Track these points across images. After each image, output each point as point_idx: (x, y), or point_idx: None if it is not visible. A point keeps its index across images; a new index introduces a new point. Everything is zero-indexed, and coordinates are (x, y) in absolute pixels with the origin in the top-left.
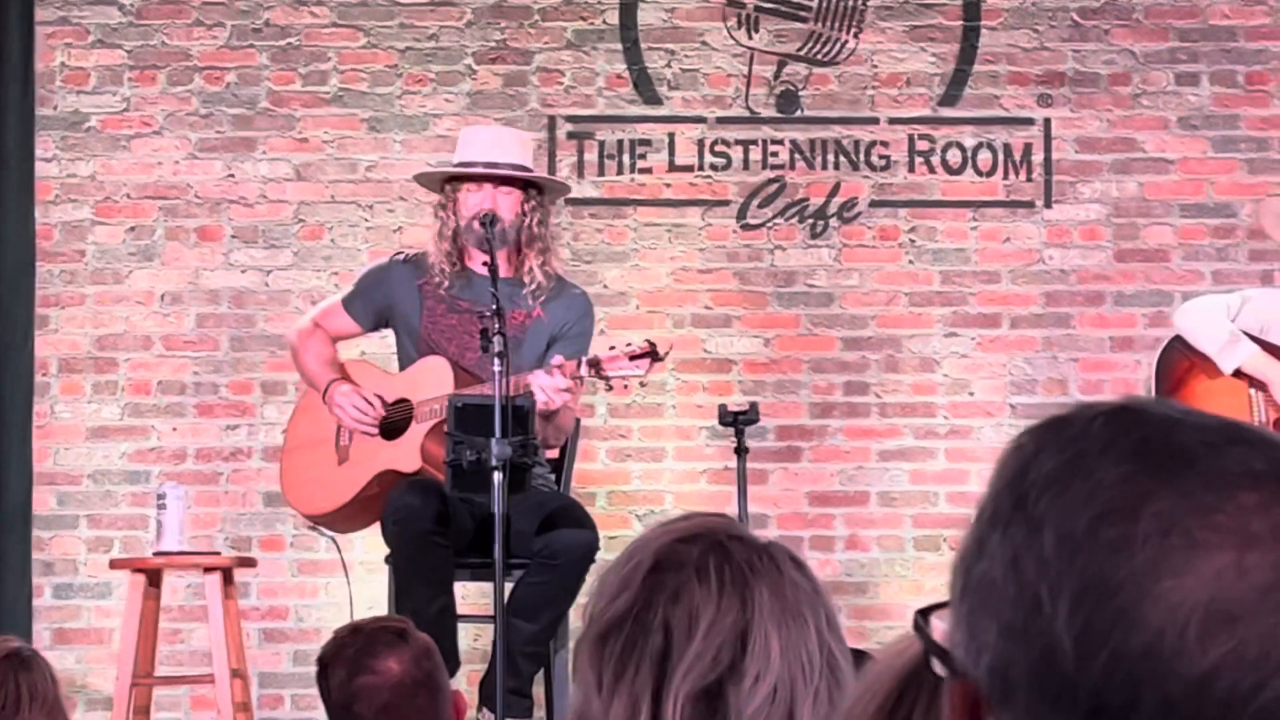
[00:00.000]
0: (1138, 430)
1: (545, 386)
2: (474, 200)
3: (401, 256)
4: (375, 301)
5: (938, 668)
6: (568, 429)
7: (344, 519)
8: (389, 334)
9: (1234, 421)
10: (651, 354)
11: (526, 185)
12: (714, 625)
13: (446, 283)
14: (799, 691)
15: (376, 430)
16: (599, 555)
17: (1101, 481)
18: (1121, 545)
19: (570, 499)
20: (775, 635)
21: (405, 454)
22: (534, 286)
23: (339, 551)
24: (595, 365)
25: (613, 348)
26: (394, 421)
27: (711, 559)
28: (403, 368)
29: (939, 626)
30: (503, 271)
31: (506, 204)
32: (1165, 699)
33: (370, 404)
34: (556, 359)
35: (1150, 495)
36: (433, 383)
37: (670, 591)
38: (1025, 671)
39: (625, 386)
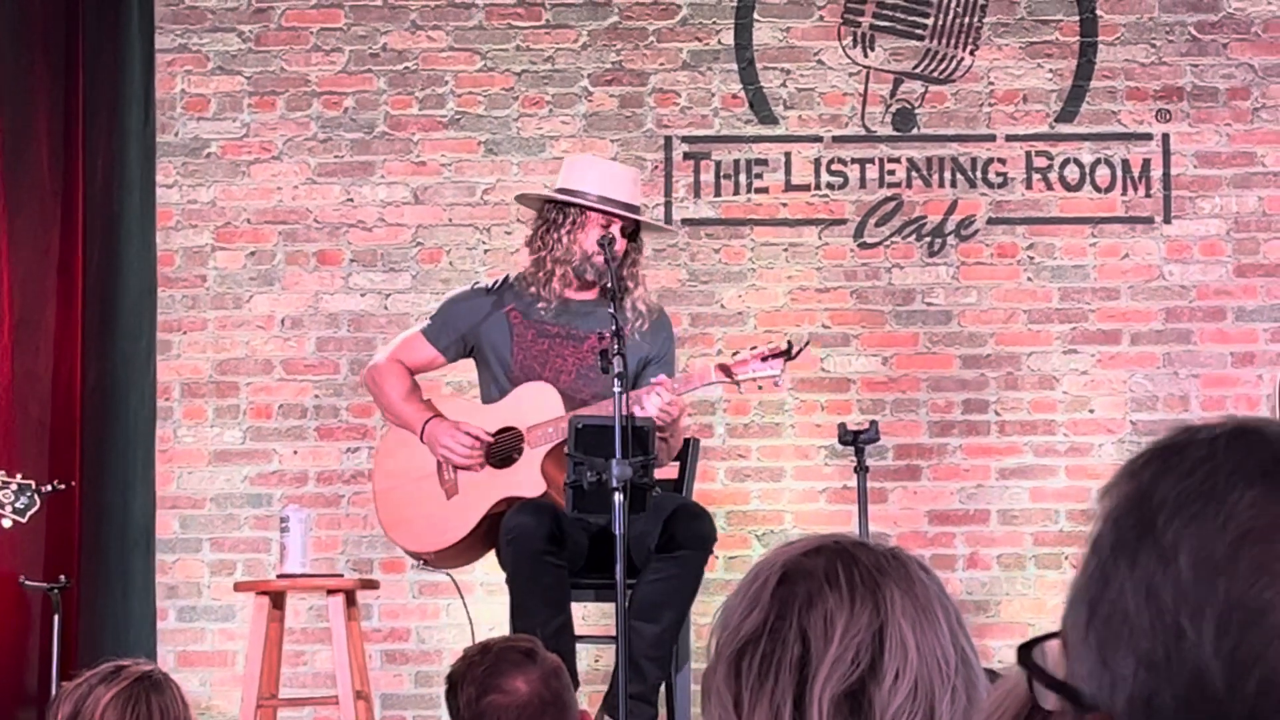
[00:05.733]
0: (1262, 451)
1: (654, 406)
2: (596, 235)
3: (483, 285)
4: (460, 331)
5: (1050, 702)
6: (677, 447)
7: (461, 552)
8: (451, 365)
9: None
10: (785, 353)
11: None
12: (850, 627)
13: (552, 302)
14: (937, 688)
15: (482, 465)
16: (717, 554)
17: (1236, 505)
18: (1263, 567)
19: (684, 498)
20: (910, 633)
21: (526, 479)
22: (638, 322)
23: (453, 579)
24: (726, 370)
25: (736, 353)
26: (502, 450)
27: (839, 565)
28: (487, 396)
29: (1049, 658)
30: (589, 296)
31: (619, 242)
32: None
33: (478, 439)
34: (659, 377)
35: None
36: (539, 408)
37: (802, 600)
38: (1172, 700)
39: (759, 388)
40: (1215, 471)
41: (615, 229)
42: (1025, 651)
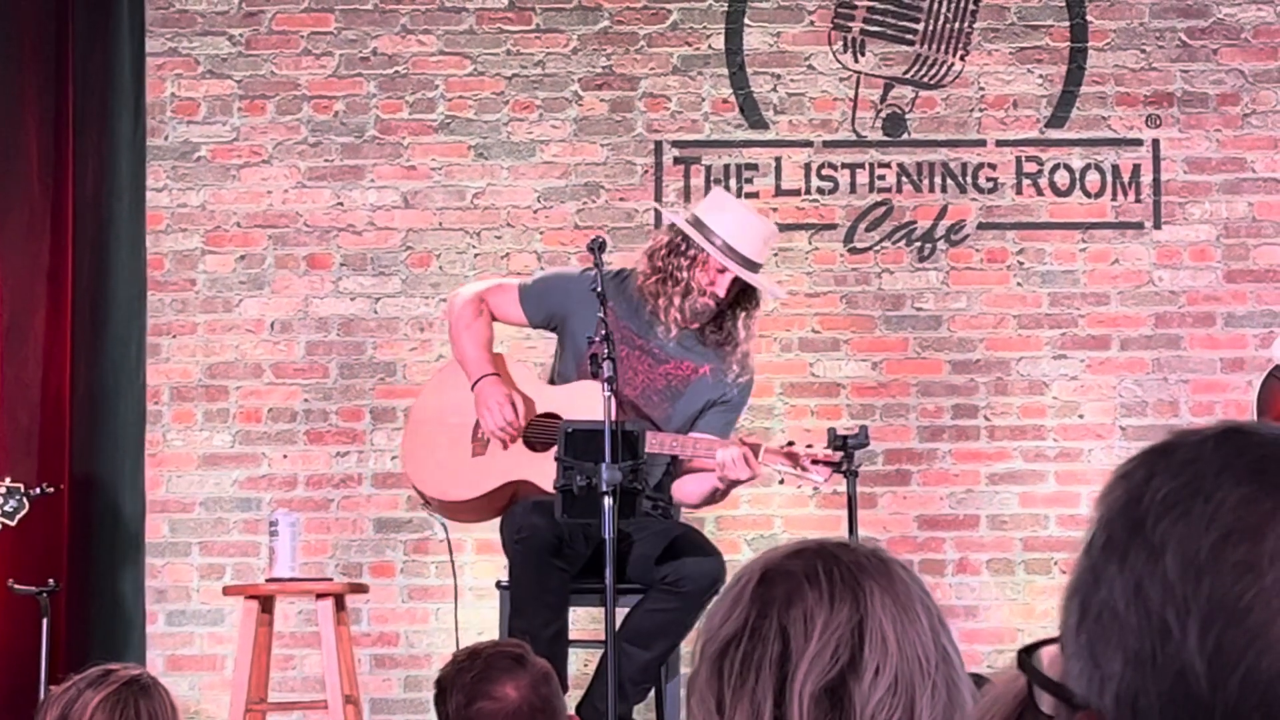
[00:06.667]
0: (1251, 451)
1: (730, 457)
2: (710, 278)
3: (593, 272)
4: (553, 305)
5: (1046, 704)
6: (722, 498)
7: (465, 511)
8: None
9: None
10: (835, 466)
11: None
12: (829, 623)
13: (653, 323)
14: (918, 684)
15: (511, 441)
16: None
17: (1222, 503)
18: (1248, 566)
19: (693, 527)
20: (890, 628)
21: (549, 472)
22: (730, 374)
23: (454, 576)
24: (792, 458)
25: (792, 443)
26: (542, 433)
27: (819, 564)
28: (553, 377)
29: (1045, 662)
30: (688, 323)
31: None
32: None
33: (518, 416)
34: (753, 439)
35: (1273, 514)
36: (593, 409)
37: (782, 599)
38: (1156, 698)
39: (799, 486)
40: (1203, 471)
41: (726, 278)
42: (1025, 655)
